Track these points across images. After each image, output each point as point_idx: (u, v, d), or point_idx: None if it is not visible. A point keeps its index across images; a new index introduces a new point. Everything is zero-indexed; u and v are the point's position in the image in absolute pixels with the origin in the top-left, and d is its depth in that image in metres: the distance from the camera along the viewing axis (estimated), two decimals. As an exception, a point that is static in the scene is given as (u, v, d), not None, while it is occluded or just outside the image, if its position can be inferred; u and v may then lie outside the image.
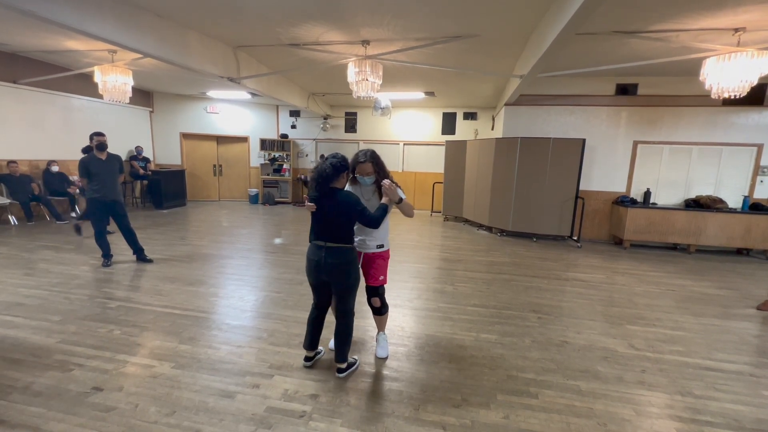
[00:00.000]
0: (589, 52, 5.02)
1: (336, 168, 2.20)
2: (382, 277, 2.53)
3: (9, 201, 6.37)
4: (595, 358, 2.73)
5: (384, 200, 2.29)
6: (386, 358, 2.63)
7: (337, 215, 2.20)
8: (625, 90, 6.50)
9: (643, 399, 2.28)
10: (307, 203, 2.27)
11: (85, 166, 4.23)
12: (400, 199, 2.32)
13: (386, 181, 2.28)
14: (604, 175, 6.85)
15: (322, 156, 2.31)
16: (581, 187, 6.55)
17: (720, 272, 5.20)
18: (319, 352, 2.58)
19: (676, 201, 6.68)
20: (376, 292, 2.54)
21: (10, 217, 6.46)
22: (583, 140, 6.29)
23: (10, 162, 6.44)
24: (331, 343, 2.56)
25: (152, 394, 2.14)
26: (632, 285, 4.48)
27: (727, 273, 5.17)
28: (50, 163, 7.05)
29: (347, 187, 2.45)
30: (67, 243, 5.38)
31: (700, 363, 2.73)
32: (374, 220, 2.21)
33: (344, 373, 2.37)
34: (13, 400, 2.05)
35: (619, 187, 6.85)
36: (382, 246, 2.53)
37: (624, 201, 6.53)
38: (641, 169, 6.75)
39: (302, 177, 10.47)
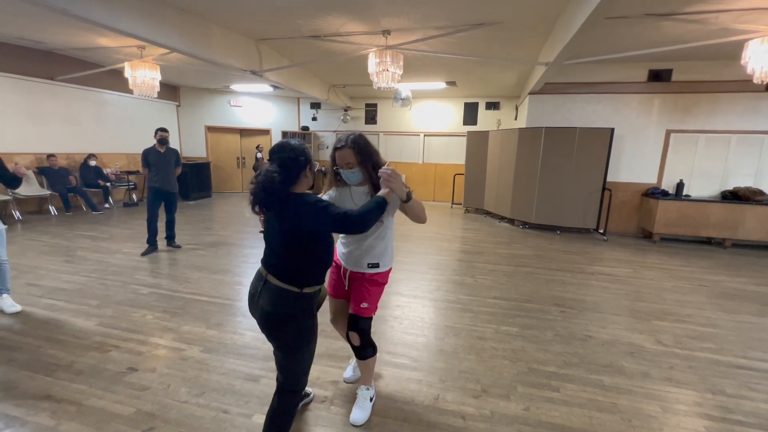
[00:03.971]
0: (620, 37, 4.79)
1: (288, 169, 1.38)
2: (365, 305, 1.81)
3: (49, 192, 6.75)
4: (620, 354, 2.67)
5: (382, 192, 1.51)
6: (360, 425, 1.88)
7: (288, 233, 1.41)
8: (658, 76, 6.18)
9: (671, 396, 2.22)
10: (261, 219, 1.53)
11: (145, 157, 4.62)
12: (408, 196, 1.60)
13: (387, 168, 1.55)
14: (633, 165, 6.59)
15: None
16: (608, 179, 6.32)
17: (758, 268, 4.94)
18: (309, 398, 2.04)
19: (712, 193, 6.35)
20: (356, 323, 1.83)
21: (50, 207, 6.85)
22: (612, 129, 6.06)
23: (49, 156, 6.80)
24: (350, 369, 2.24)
25: (183, 376, 2.25)
26: (661, 280, 4.32)
27: (765, 269, 4.90)
28: (89, 156, 7.41)
29: (333, 192, 1.84)
30: (102, 232, 5.66)
31: (733, 361, 2.62)
32: (358, 217, 1.39)
33: None
34: (58, 377, 2.21)
35: (650, 179, 6.57)
36: (376, 265, 1.82)
37: (654, 193, 6.27)
38: (674, 159, 6.44)
39: (322, 169, 10.55)
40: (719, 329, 3.12)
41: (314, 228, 1.40)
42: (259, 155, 9.91)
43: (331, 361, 2.45)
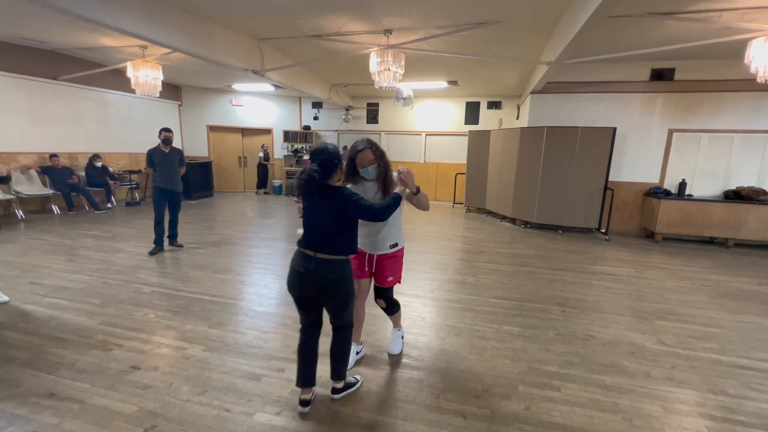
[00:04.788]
0: (622, 36, 4.78)
1: (325, 168, 1.79)
2: (390, 278, 2.30)
3: (52, 192, 6.78)
4: (622, 353, 2.67)
5: (398, 189, 1.91)
6: (399, 354, 2.54)
7: (332, 218, 1.82)
8: (661, 75, 6.17)
9: (672, 396, 2.21)
10: (299, 206, 1.95)
11: (149, 157, 4.66)
12: (418, 189, 2.02)
13: (403, 168, 1.95)
14: (635, 165, 6.57)
15: (344, 148, 2.11)
16: (610, 178, 6.31)
17: (761, 267, 4.92)
18: (314, 395, 2.06)
19: (714, 192, 6.33)
20: (381, 293, 2.36)
21: (53, 206, 6.87)
22: (614, 129, 6.04)
23: (52, 155, 6.83)
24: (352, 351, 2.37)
25: (185, 374, 2.26)
26: (663, 279, 4.31)
27: (768, 269, 4.89)
28: (94, 157, 7.42)
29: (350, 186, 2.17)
30: (105, 232, 5.68)
31: (735, 361, 2.62)
32: (379, 211, 1.79)
33: (341, 394, 2.06)
34: (61, 375, 2.22)
35: (652, 178, 6.56)
36: (396, 245, 2.27)
37: (657, 192, 6.25)
38: (676, 158, 6.42)
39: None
40: (722, 329, 3.11)
41: (348, 213, 1.80)
42: (261, 154, 10.20)
43: (332, 360, 2.45)
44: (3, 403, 1.97)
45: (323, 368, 2.33)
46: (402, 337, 2.63)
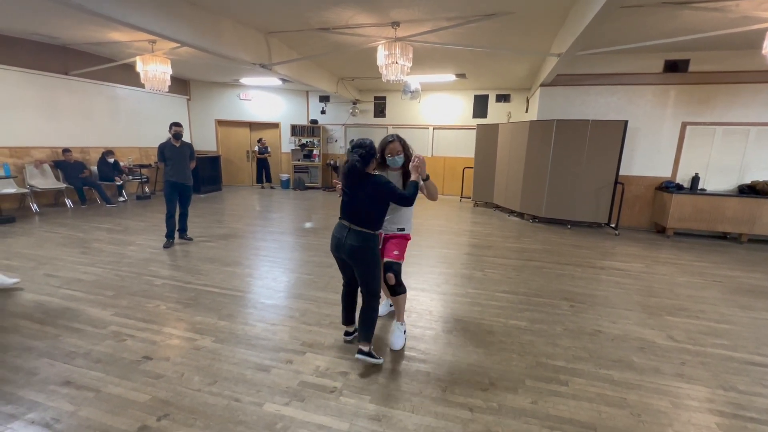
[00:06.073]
0: (635, 27, 4.68)
1: (365, 159, 2.21)
2: (396, 252, 2.52)
3: (65, 186, 6.90)
4: (630, 349, 2.65)
5: (413, 177, 2.29)
6: (400, 350, 2.54)
7: (369, 200, 2.21)
8: (675, 67, 6.03)
9: (681, 392, 2.20)
10: (338, 187, 2.31)
11: (161, 151, 4.71)
12: (428, 176, 2.36)
13: (418, 155, 2.31)
14: (647, 159, 6.46)
15: (351, 141, 2.29)
16: (621, 172, 6.22)
17: (775, 264, 4.83)
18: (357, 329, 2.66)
19: (728, 187, 6.21)
20: (390, 267, 2.49)
21: (66, 200, 7.00)
22: (625, 122, 5.94)
23: (65, 150, 6.94)
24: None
25: (195, 365, 2.31)
26: (674, 275, 4.26)
27: (783, 264, 4.80)
28: (107, 153, 7.50)
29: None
30: (116, 225, 5.78)
31: (747, 358, 2.58)
32: (408, 197, 2.21)
33: (363, 356, 2.29)
34: (77, 364, 2.28)
35: (664, 172, 6.44)
36: (402, 230, 2.59)
37: (669, 186, 6.15)
38: (689, 152, 6.30)
39: (332, 162, 10.60)
40: (733, 325, 3.07)
41: (383, 197, 2.20)
42: (256, 148, 10.37)
43: (339, 352, 2.48)
44: (22, 390, 2.03)
45: (329, 360, 2.37)
46: (404, 332, 2.65)
